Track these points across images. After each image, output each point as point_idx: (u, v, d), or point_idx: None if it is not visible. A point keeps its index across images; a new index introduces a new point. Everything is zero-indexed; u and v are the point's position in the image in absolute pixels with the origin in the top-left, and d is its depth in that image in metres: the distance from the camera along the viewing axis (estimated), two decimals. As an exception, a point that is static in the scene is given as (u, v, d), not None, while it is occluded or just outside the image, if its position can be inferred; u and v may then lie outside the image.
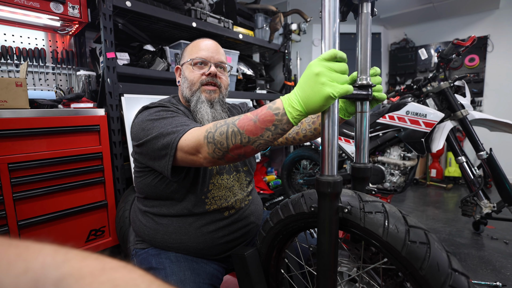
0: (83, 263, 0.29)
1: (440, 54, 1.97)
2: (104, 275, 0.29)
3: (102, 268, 0.30)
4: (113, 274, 0.30)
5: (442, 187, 3.74)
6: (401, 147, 2.20)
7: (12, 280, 0.26)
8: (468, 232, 2.34)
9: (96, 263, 0.30)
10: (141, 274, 0.33)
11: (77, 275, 0.28)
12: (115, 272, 0.30)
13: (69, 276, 0.27)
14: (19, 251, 0.28)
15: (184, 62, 0.99)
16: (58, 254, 0.28)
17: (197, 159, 0.73)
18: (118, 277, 0.30)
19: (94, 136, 1.65)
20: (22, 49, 1.82)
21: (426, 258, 0.53)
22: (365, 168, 0.79)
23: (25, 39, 1.86)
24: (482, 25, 3.97)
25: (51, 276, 0.27)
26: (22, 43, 1.85)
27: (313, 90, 0.56)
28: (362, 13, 0.75)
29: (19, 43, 1.83)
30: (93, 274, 0.29)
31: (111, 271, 0.30)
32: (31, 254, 0.28)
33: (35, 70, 1.89)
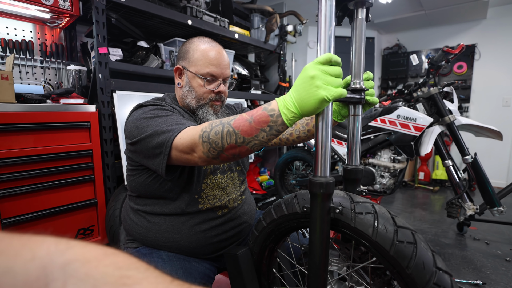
0: (86, 249, 0.31)
1: (431, 61, 2.02)
2: (107, 259, 0.32)
3: (105, 253, 0.33)
4: (115, 258, 0.32)
5: (429, 189, 3.83)
6: (391, 150, 2.24)
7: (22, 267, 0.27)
8: (452, 233, 2.42)
9: (98, 250, 0.32)
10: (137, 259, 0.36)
11: (82, 259, 0.30)
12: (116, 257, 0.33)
13: (75, 261, 0.29)
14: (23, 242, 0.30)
15: (190, 71, 0.96)
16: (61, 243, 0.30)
17: (192, 158, 0.73)
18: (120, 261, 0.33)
19: (84, 133, 1.61)
20: (8, 41, 1.73)
21: (413, 257, 0.56)
22: (357, 170, 0.81)
23: (11, 30, 1.76)
24: (470, 34, 4.08)
25: (58, 262, 0.28)
26: (8, 34, 1.75)
27: (308, 93, 0.58)
28: (357, 19, 0.76)
29: (5, 34, 1.74)
30: (98, 258, 0.31)
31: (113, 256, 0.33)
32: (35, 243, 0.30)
33: (22, 63, 1.80)
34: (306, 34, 4.36)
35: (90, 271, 0.30)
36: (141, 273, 0.33)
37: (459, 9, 3.65)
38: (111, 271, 0.31)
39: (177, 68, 1.00)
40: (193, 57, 0.95)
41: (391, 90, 4.71)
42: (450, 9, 3.66)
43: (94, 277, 0.30)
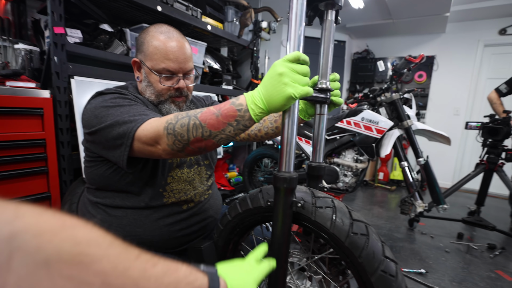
0: (40, 219, 0.27)
1: (394, 68, 2.16)
2: (65, 232, 0.28)
3: (62, 225, 0.28)
4: (74, 232, 0.29)
5: (387, 188, 4.09)
6: (355, 150, 2.36)
7: None
8: (404, 228, 2.64)
9: (55, 220, 0.28)
10: (101, 233, 0.32)
11: (34, 231, 0.26)
12: (76, 230, 0.29)
13: (25, 232, 0.25)
14: None
15: (146, 65, 0.89)
16: (7, 210, 0.26)
17: (155, 150, 0.70)
18: (79, 235, 0.29)
19: (37, 121, 1.45)
20: None
21: (365, 247, 0.60)
22: (320, 167, 0.83)
23: None
24: (431, 45, 4.40)
25: (2, 232, 0.24)
26: None
27: (275, 89, 0.58)
28: (326, 20, 0.77)
29: None
30: (53, 231, 0.27)
31: (72, 229, 0.29)
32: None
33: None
34: (280, 32, 4.41)
35: (43, 245, 0.25)
36: (102, 249, 0.30)
37: (422, 21, 3.91)
38: (67, 247, 0.27)
39: (134, 61, 0.93)
40: (148, 50, 0.88)
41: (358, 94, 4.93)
42: (414, 21, 3.91)
43: (46, 252, 0.26)
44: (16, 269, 0.24)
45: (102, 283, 0.29)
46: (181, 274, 0.40)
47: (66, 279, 0.26)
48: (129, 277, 0.32)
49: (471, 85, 4.14)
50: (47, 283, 0.25)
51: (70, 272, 0.27)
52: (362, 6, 3.52)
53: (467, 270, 1.94)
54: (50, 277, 0.25)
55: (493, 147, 2.38)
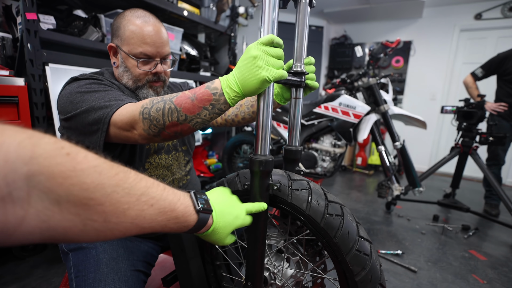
0: (53, 161, 0.31)
1: (371, 53, 2.18)
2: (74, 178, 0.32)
3: (73, 169, 0.32)
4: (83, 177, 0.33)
5: (365, 173, 4.22)
6: (332, 135, 2.40)
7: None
8: (381, 211, 2.72)
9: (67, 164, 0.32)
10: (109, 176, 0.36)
11: (47, 174, 0.30)
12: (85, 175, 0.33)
13: (39, 174, 0.29)
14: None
15: (123, 50, 0.88)
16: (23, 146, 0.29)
17: (131, 135, 0.70)
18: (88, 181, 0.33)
19: (12, 109, 1.44)
20: None
21: (340, 227, 0.61)
22: (296, 150, 0.84)
23: None
24: (408, 30, 4.47)
25: (21, 172, 0.28)
26: None
27: (250, 73, 0.58)
28: (300, 3, 0.76)
29: None
30: (63, 175, 0.31)
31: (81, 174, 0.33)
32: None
33: None
34: (258, 17, 4.33)
35: (55, 187, 0.31)
36: (106, 194, 0.35)
37: (399, 6, 3.95)
38: (76, 191, 0.32)
39: (110, 46, 0.92)
40: (124, 35, 0.87)
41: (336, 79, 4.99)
42: (392, 6, 3.95)
43: (58, 193, 0.31)
44: (35, 203, 0.30)
45: (103, 220, 0.36)
46: (176, 213, 0.48)
47: (74, 215, 0.33)
48: (127, 216, 0.39)
49: (447, 70, 4.26)
50: (59, 216, 0.32)
51: (77, 211, 0.33)
52: (340, -9, 3.51)
53: (442, 251, 2.02)
54: (61, 212, 0.32)
55: (467, 131, 2.45)
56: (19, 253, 1.60)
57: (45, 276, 1.50)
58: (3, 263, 1.58)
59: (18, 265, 1.57)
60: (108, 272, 0.78)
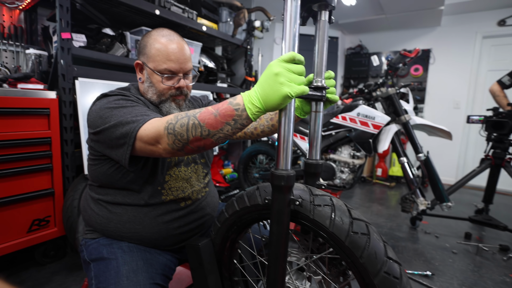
0: None
1: (389, 62, 2.14)
2: None
3: None
4: None
5: (386, 185, 4.08)
6: (351, 146, 2.35)
7: None
8: (406, 227, 2.57)
9: None
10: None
11: None
12: None
13: None
14: None
15: (149, 67, 0.93)
16: None
17: (156, 149, 0.73)
18: None
19: (43, 120, 1.55)
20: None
21: (366, 247, 0.58)
22: (317, 164, 0.83)
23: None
24: (426, 39, 4.38)
25: None
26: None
27: (272, 89, 0.60)
28: (320, 20, 0.79)
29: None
30: None
31: None
32: None
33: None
34: (273, 30, 4.40)
35: None
36: None
37: (416, 15, 3.89)
38: None
39: (136, 63, 0.97)
40: (150, 53, 0.92)
41: (353, 89, 4.93)
42: (408, 15, 3.90)
43: None
44: None
45: None
46: None
47: None
48: None
49: (471, 78, 4.10)
50: None
51: None
52: (354, 3, 3.51)
53: (478, 274, 1.82)
54: None
55: (498, 142, 2.29)
56: (41, 259, 1.64)
57: (64, 284, 1.53)
58: (26, 268, 1.62)
59: (39, 271, 1.61)
60: (128, 285, 0.79)
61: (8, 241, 1.47)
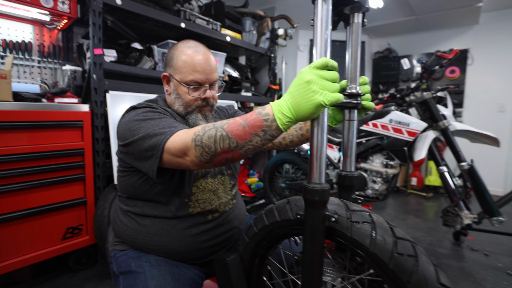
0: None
1: (424, 65, 2.01)
2: None
3: None
4: None
5: (422, 195, 3.82)
6: (383, 154, 2.23)
7: None
8: (448, 242, 2.35)
9: None
10: None
11: None
12: None
13: None
14: None
15: (175, 78, 0.94)
16: None
17: (183, 161, 0.72)
18: None
19: (77, 132, 1.64)
20: (9, 41, 1.80)
21: (414, 271, 0.52)
22: (352, 176, 0.78)
23: (12, 31, 1.83)
24: (462, 38, 4.12)
25: None
26: (9, 35, 1.82)
27: (303, 98, 0.56)
28: (353, 23, 0.75)
29: (6, 35, 1.81)
30: None
31: None
32: None
33: (20, 63, 1.87)
34: (296, 37, 4.37)
35: None
36: None
37: (451, 14, 3.69)
38: None
39: (163, 75, 0.98)
40: (177, 65, 0.93)
41: (382, 94, 4.74)
42: (441, 14, 3.70)
43: None
44: None
45: None
46: None
47: None
48: None
49: (517, 78, 3.74)
50: None
51: None
52: (382, 5, 3.40)
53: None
54: None
55: None
56: (74, 266, 1.70)
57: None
58: (59, 275, 1.68)
59: (72, 278, 1.65)
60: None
61: (45, 247, 1.53)
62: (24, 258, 1.45)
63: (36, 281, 1.61)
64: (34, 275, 1.64)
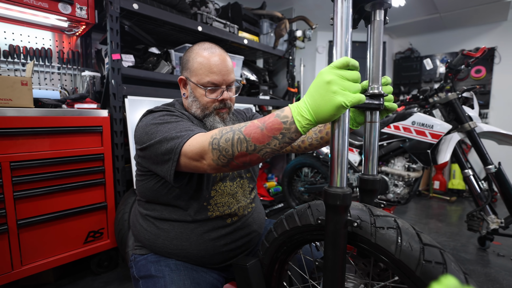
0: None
1: (449, 65, 1.94)
2: None
3: None
4: None
5: (445, 199, 3.68)
6: (405, 157, 2.16)
7: None
8: (473, 247, 2.26)
9: None
10: None
11: None
12: None
13: None
14: None
15: (192, 81, 0.94)
16: None
17: (201, 165, 0.71)
18: None
19: (97, 137, 1.65)
20: (29, 49, 1.84)
21: (443, 280, 0.50)
22: (374, 180, 0.76)
23: (32, 38, 1.87)
24: (489, 36, 3.94)
25: None
26: (29, 42, 1.86)
27: (323, 99, 0.54)
28: (374, 21, 0.73)
29: (26, 42, 1.85)
30: None
31: None
32: None
33: (41, 70, 1.90)
34: (315, 39, 4.32)
35: None
36: None
37: (477, 11, 3.54)
38: None
39: (180, 79, 0.98)
40: (193, 67, 0.93)
41: (404, 96, 4.60)
42: (467, 12, 3.56)
43: None
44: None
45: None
46: None
47: None
48: None
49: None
50: None
51: None
52: (404, 3, 3.31)
53: None
54: None
55: None
56: (96, 269, 1.73)
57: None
58: (82, 277, 1.72)
59: (94, 280, 1.69)
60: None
61: (68, 251, 1.57)
62: (49, 261, 1.49)
63: (59, 283, 1.65)
64: (57, 278, 1.68)
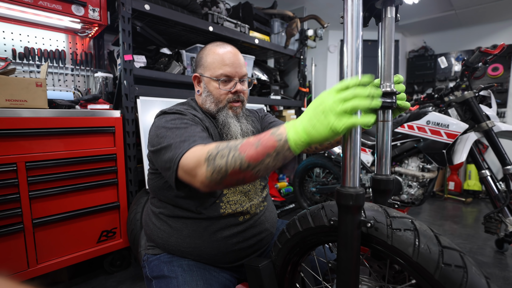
0: None
1: (465, 62, 1.88)
2: None
3: None
4: None
5: (460, 200, 3.58)
6: (420, 158, 2.11)
7: None
8: (490, 250, 2.20)
9: None
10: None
11: None
12: None
13: None
14: None
15: (206, 76, 0.96)
16: None
17: (194, 181, 0.70)
18: None
19: (109, 138, 1.67)
20: (44, 51, 1.87)
21: (463, 283, 0.48)
22: (387, 180, 0.75)
23: (46, 40, 1.91)
24: (507, 33, 3.82)
25: None
26: (43, 44, 1.90)
27: (319, 121, 0.54)
28: (385, 18, 0.72)
29: (41, 44, 1.89)
30: None
31: None
32: None
33: (55, 71, 1.94)
34: (326, 38, 4.28)
35: None
36: None
37: (494, 7, 3.44)
38: None
39: (194, 76, 1.01)
40: (206, 62, 0.97)
41: (418, 95, 4.51)
42: (483, 8, 3.46)
43: None
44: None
45: None
46: None
47: None
48: None
49: None
50: None
51: None
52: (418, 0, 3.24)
53: None
54: None
55: None
56: (109, 268, 1.76)
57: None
58: (96, 276, 1.75)
59: (107, 279, 1.72)
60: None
61: (82, 250, 1.60)
62: (63, 259, 1.52)
63: (73, 282, 1.68)
64: (71, 276, 1.71)
